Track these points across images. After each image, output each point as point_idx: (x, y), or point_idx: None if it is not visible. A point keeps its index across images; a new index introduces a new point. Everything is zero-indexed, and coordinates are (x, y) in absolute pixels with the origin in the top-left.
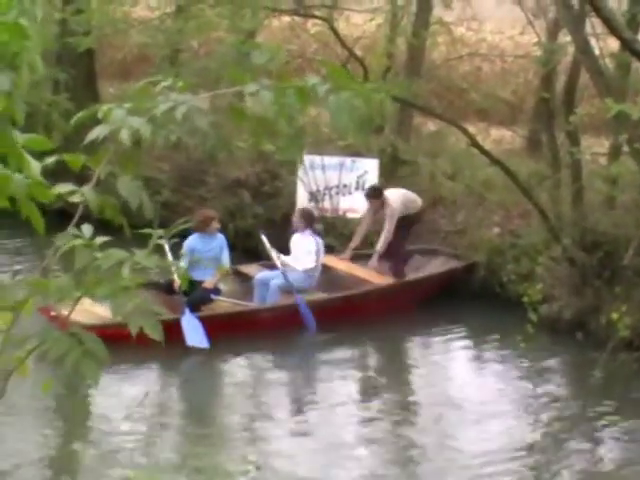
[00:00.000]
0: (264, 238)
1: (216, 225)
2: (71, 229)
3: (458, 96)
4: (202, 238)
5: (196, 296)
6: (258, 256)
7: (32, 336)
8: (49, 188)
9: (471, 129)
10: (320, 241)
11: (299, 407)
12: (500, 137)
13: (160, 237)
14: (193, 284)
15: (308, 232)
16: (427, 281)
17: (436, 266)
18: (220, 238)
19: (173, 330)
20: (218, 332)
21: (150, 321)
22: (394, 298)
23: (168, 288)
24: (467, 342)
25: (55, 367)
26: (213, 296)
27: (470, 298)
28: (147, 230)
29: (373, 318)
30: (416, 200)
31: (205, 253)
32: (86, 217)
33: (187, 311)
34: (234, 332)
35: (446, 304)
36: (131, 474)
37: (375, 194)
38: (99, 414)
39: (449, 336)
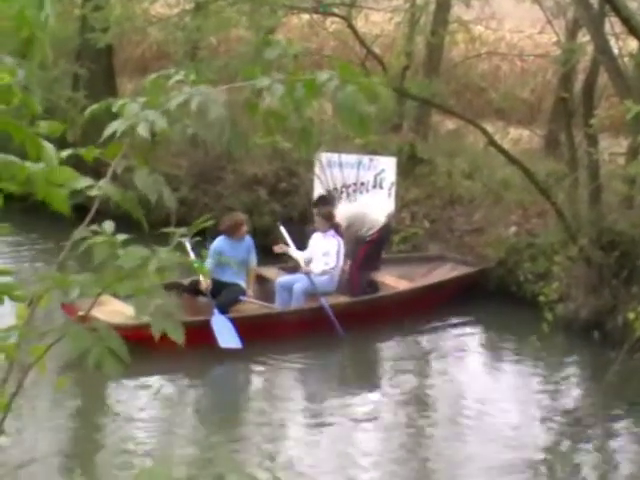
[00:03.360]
0: (283, 230)
1: (245, 229)
2: (89, 225)
3: (476, 95)
4: (230, 241)
5: (226, 297)
6: (275, 255)
7: (51, 330)
8: (68, 172)
9: (489, 128)
10: (342, 242)
11: (322, 411)
12: (518, 136)
13: (183, 235)
14: (222, 286)
15: (331, 233)
16: (447, 285)
17: (445, 272)
18: (248, 241)
19: (201, 332)
20: (246, 334)
21: (172, 323)
22: (415, 302)
23: (193, 289)
24: (483, 341)
25: (75, 363)
26: (241, 297)
27: (485, 297)
28: (169, 229)
29: (392, 321)
30: (371, 221)
31: (233, 256)
32: (103, 214)
33: (216, 312)
34: (261, 335)
35: (461, 304)
36: (142, 468)
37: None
38: (119, 412)
39: (465, 336)
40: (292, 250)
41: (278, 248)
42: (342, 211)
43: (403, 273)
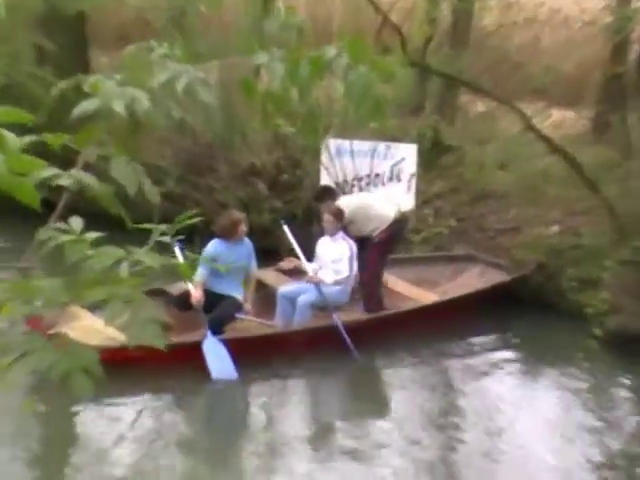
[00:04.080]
0: (287, 230)
1: (243, 229)
2: (55, 222)
3: (512, 71)
4: (227, 245)
5: (220, 314)
6: (274, 257)
7: (14, 344)
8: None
9: (527, 110)
10: (354, 246)
11: (329, 443)
12: (561, 119)
13: (163, 233)
14: (216, 299)
15: (340, 235)
16: (474, 297)
17: (474, 276)
18: (247, 244)
19: (191, 354)
20: (242, 357)
21: (151, 329)
22: (439, 314)
23: (182, 302)
24: (517, 361)
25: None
26: (237, 314)
27: (521, 306)
28: (147, 225)
29: (411, 338)
30: (378, 217)
31: (231, 263)
32: (73, 210)
33: (209, 334)
34: (260, 357)
35: (492, 314)
36: None
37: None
38: (94, 440)
39: (496, 353)
40: (303, 262)
41: (287, 264)
42: (342, 204)
43: (422, 276)
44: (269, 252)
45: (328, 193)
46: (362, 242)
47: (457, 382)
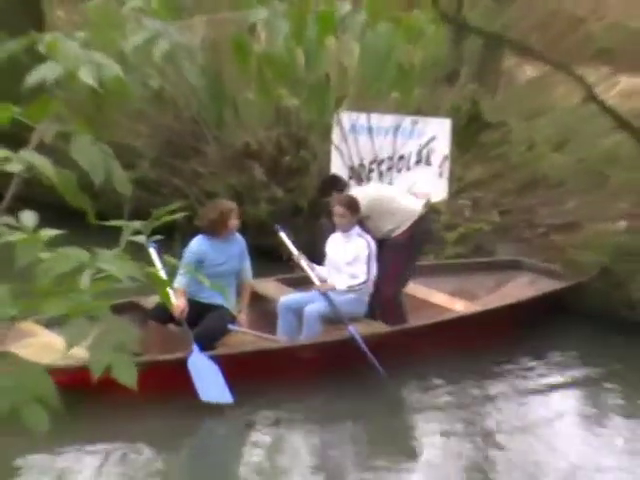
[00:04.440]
0: (284, 236)
1: (234, 222)
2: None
3: (569, 28)
4: (214, 243)
5: (208, 327)
6: (276, 259)
7: None
8: None
9: (588, 76)
10: (373, 243)
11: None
12: (630, 88)
13: (137, 232)
14: (202, 309)
15: (355, 230)
16: (524, 306)
17: (521, 286)
18: (239, 242)
19: (173, 377)
20: (238, 379)
21: (120, 358)
22: (479, 329)
23: (161, 313)
24: (576, 386)
25: None
26: (230, 326)
27: (580, 321)
28: (118, 222)
29: (447, 356)
30: (401, 212)
31: (219, 265)
32: (24, 200)
33: (195, 350)
34: (260, 380)
35: (545, 328)
36: None
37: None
38: None
39: (549, 377)
40: (307, 270)
41: (298, 260)
42: (357, 196)
43: (461, 288)
44: (267, 253)
45: (334, 184)
46: (380, 244)
47: (502, 414)
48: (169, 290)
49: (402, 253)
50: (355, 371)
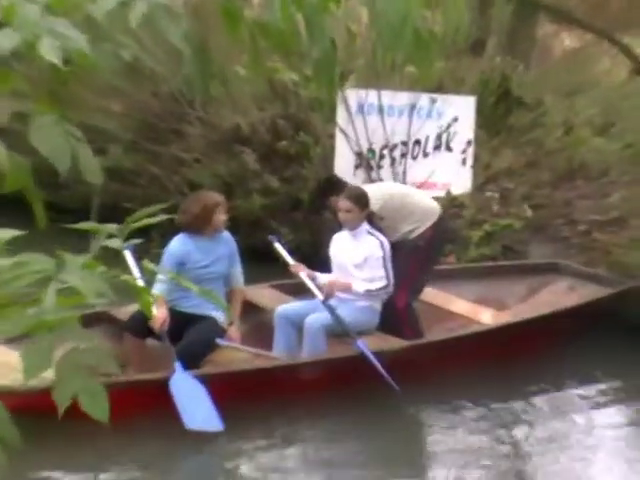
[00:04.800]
0: (279, 247)
1: (221, 218)
2: None
3: None
4: (198, 242)
5: (193, 342)
6: (271, 262)
7: None
8: None
9: (638, 46)
10: (387, 243)
11: None
12: None
13: (111, 236)
14: (185, 320)
15: (364, 228)
16: (563, 316)
17: (559, 293)
18: (228, 241)
19: (153, 400)
20: (229, 403)
21: (90, 386)
22: (511, 342)
23: (138, 325)
24: (626, 408)
25: None
26: (219, 341)
27: (628, 333)
28: (88, 224)
29: (471, 372)
30: (420, 211)
31: (203, 268)
32: None
33: (178, 368)
34: (255, 403)
35: (586, 341)
36: None
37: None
38: None
39: (594, 398)
40: (304, 276)
41: (295, 271)
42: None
43: (487, 295)
44: (261, 254)
45: (332, 186)
46: (393, 246)
47: (538, 440)
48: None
49: (420, 256)
50: (366, 394)
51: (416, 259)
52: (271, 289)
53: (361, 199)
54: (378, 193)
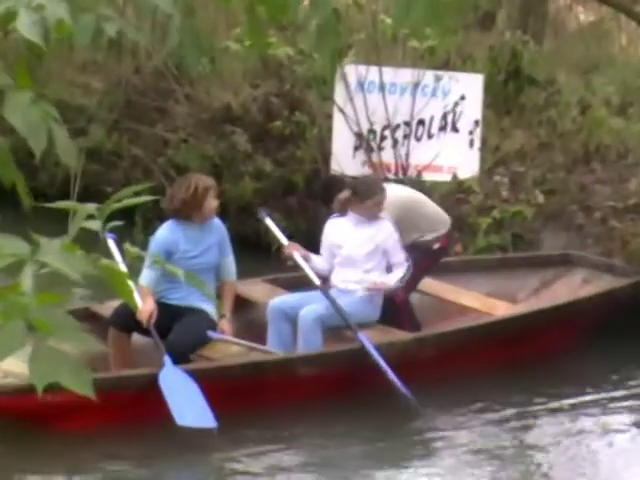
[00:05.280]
0: (270, 222)
1: (213, 203)
2: None
3: None
4: (187, 230)
5: (183, 334)
6: (264, 251)
7: None
8: None
9: None
10: (395, 231)
11: None
12: None
13: (90, 216)
14: (174, 313)
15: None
16: (579, 308)
17: (574, 286)
18: (218, 228)
19: (141, 399)
20: (222, 400)
21: (69, 367)
22: (523, 338)
23: (124, 319)
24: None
25: None
26: (212, 334)
27: None
28: (66, 203)
29: (484, 372)
30: (433, 215)
31: (193, 259)
32: None
33: (167, 363)
34: (250, 401)
35: (606, 341)
36: None
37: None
38: None
39: (618, 402)
40: (299, 258)
41: (289, 252)
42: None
43: (499, 289)
44: (252, 244)
45: (333, 187)
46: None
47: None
48: (133, 289)
49: (431, 259)
50: (368, 391)
51: (427, 260)
52: (264, 283)
53: (359, 190)
54: (396, 198)
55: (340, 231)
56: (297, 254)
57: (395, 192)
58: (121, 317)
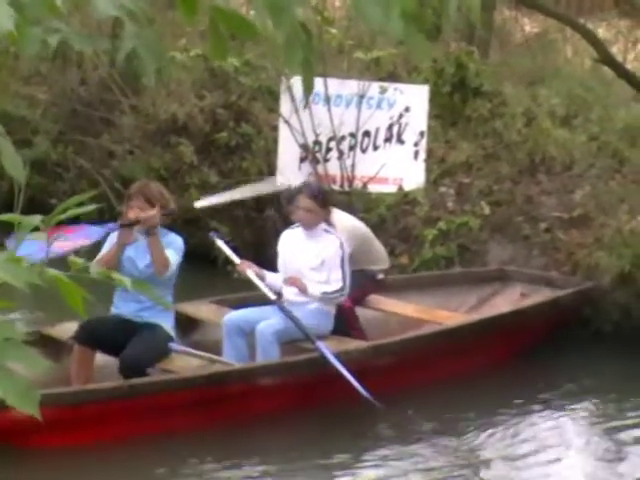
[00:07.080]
0: (222, 244)
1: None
2: None
3: None
4: (136, 241)
5: (140, 350)
6: (211, 265)
7: None
8: None
9: (604, 32)
10: (346, 243)
11: None
12: None
13: (35, 229)
14: (129, 328)
15: (322, 227)
16: (526, 315)
17: (510, 300)
18: (172, 240)
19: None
20: (184, 416)
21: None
22: (475, 347)
23: (89, 337)
24: (601, 423)
25: None
26: (173, 346)
27: (597, 341)
28: (4, 216)
29: (437, 381)
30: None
31: (144, 269)
32: None
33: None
34: (214, 416)
35: (556, 351)
36: None
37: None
38: None
39: (569, 413)
40: (253, 275)
41: (242, 269)
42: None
43: (438, 305)
44: (198, 258)
45: (286, 199)
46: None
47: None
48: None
49: (374, 284)
50: (333, 400)
51: (371, 285)
52: (211, 305)
53: (322, 197)
54: (348, 226)
55: (291, 244)
56: (250, 272)
57: (352, 222)
58: (86, 333)
